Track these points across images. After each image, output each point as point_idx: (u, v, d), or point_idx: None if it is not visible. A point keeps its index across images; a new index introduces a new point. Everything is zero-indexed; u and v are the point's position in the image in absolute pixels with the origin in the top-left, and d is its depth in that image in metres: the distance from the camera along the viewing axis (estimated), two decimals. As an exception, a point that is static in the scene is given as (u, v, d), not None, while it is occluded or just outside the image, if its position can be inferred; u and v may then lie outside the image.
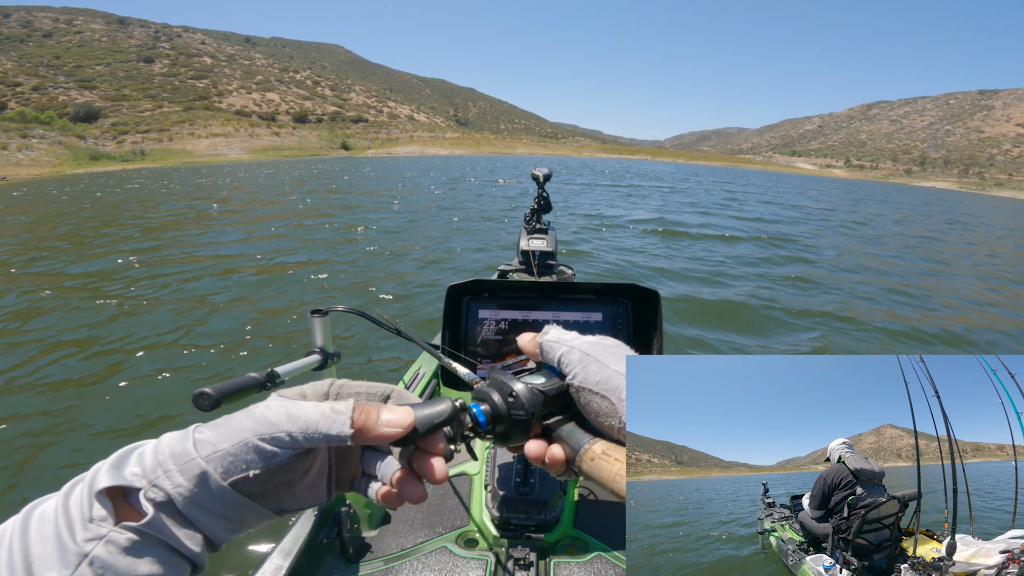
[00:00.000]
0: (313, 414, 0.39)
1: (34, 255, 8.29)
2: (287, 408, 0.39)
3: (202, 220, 12.31)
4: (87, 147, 65.29)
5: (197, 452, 0.37)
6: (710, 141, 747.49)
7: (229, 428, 0.38)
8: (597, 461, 0.41)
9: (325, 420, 0.39)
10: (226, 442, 0.37)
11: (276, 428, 0.38)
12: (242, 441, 0.37)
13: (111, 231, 10.60)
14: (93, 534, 0.33)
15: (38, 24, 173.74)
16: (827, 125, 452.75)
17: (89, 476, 0.36)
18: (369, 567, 1.28)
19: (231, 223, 11.86)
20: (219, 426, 0.38)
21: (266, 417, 0.38)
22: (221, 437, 0.37)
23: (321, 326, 1.19)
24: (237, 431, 0.38)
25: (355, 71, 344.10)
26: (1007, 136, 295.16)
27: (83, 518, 0.34)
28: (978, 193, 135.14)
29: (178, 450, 0.37)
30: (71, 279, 6.79)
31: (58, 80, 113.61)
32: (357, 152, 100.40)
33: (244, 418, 0.39)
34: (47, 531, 0.34)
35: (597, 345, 0.46)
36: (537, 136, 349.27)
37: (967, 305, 7.52)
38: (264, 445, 0.37)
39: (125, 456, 0.37)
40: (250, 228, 11.08)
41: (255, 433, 0.38)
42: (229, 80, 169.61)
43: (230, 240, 9.64)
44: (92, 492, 0.34)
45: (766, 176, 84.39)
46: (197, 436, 0.38)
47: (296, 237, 10.02)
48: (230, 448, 0.37)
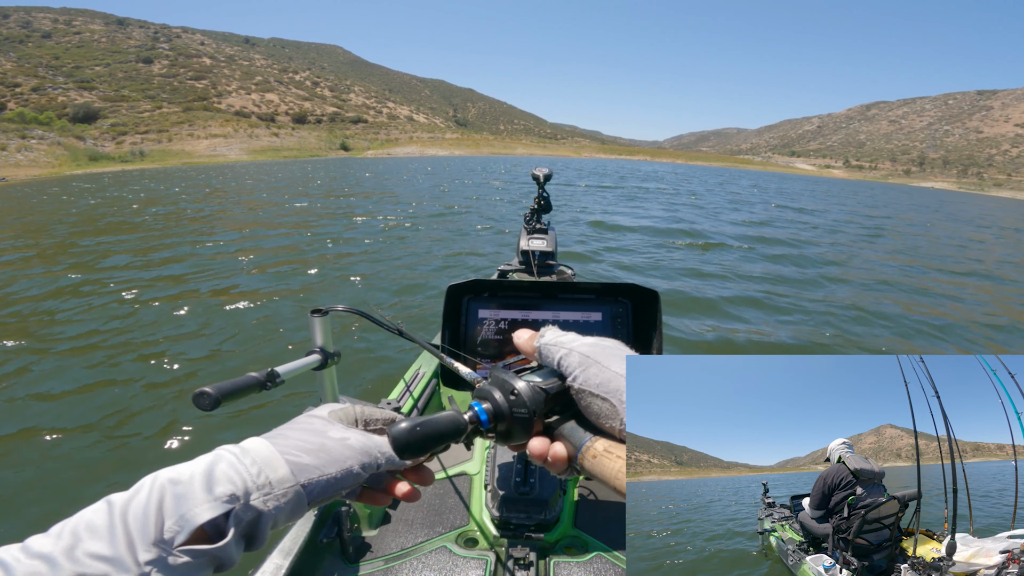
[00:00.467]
0: (388, 448, 0.46)
1: (32, 255, 8.29)
2: (376, 442, 0.46)
3: (206, 221, 12.30)
4: (86, 148, 65.20)
5: (297, 478, 0.39)
6: (709, 142, 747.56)
7: (332, 456, 0.42)
8: (599, 459, 0.41)
9: (394, 454, 0.44)
10: (332, 468, 0.41)
11: (373, 458, 0.44)
12: (347, 469, 0.42)
13: (110, 232, 10.59)
14: (156, 555, 0.34)
15: (37, 25, 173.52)
16: (826, 126, 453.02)
17: (159, 493, 0.36)
18: (369, 567, 1.28)
19: (233, 223, 11.85)
20: (316, 452, 0.42)
21: (365, 449, 0.45)
22: (324, 463, 0.41)
23: (321, 326, 1.18)
24: (342, 460, 0.42)
25: (354, 72, 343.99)
26: (1006, 136, 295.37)
27: (146, 538, 0.34)
28: (977, 193, 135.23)
29: (277, 476, 0.38)
30: (67, 280, 6.79)
31: (57, 81, 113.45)
32: (356, 153, 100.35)
33: (345, 449, 0.43)
34: (99, 546, 0.33)
35: (596, 347, 0.46)
36: (536, 137, 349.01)
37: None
38: (362, 472, 0.43)
39: (210, 475, 0.38)
40: (254, 227, 11.07)
41: (359, 462, 0.43)
42: (228, 81, 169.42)
43: (231, 240, 9.65)
44: (177, 516, 0.35)
45: (769, 177, 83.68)
46: (293, 459, 0.40)
47: (301, 237, 10.02)
48: (336, 474, 0.41)
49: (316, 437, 0.43)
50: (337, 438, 0.44)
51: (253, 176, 30.21)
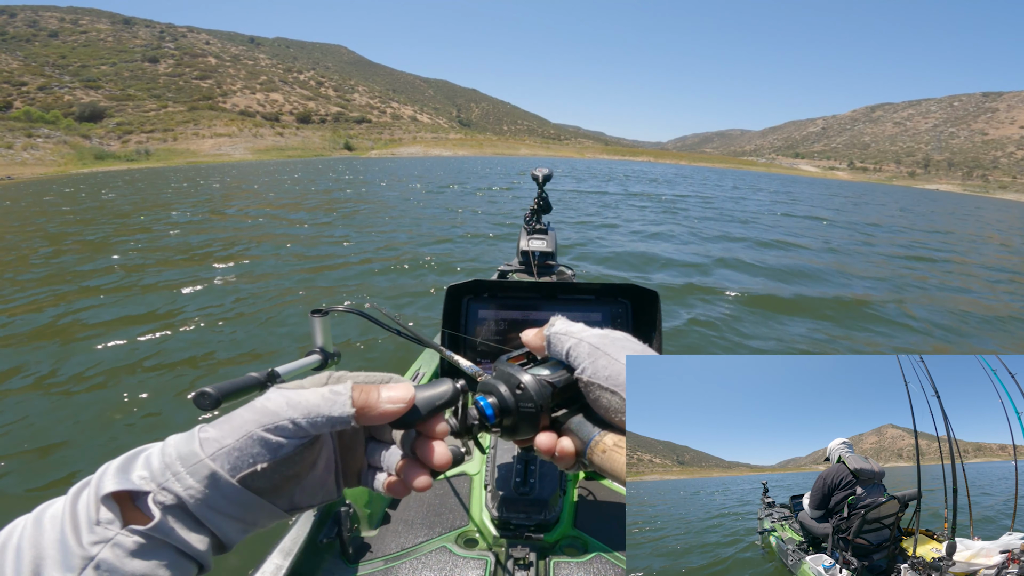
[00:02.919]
0: (313, 399, 0.39)
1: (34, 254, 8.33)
2: (287, 396, 0.39)
3: (215, 220, 12.34)
4: (92, 147, 65.54)
5: (204, 452, 0.36)
6: (713, 143, 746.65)
7: (232, 424, 0.38)
8: (609, 453, 0.40)
9: (326, 403, 0.39)
10: (230, 437, 0.37)
11: (278, 417, 0.38)
12: (246, 434, 0.37)
13: (115, 230, 10.64)
14: (99, 537, 0.33)
15: (44, 24, 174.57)
16: (831, 127, 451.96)
17: (95, 479, 0.36)
18: (369, 567, 1.28)
19: (247, 223, 11.89)
20: (222, 423, 0.38)
21: (267, 407, 0.38)
22: (225, 433, 0.37)
23: (321, 326, 1.18)
24: (240, 425, 0.37)
25: (358, 72, 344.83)
26: (1011, 139, 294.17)
27: (90, 521, 0.34)
28: (982, 196, 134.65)
29: (185, 451, 0.36)
30: (66, 280, 6.81)
31: (63, 80, 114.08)
32: (360, 153, 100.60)
33: (246, 412, 0.38)
34: (55, 533, 0.34)
35: (606, 338, 0.44)
36: (540, 137, 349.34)
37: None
38: (269, 436, 0.37)
39: (132, 459, 0.37)
40: (258, 226, 11.10)
41: (258, 424, 0.37)
42: (233, 80, 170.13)
43: (232, 237, 9.68)
44: (98, 496, 0.34)
45: (782, 180, 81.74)
46: (202, 435, 0.37)
47: (307, 237, 10.04)
48: (235, 443, 0.36)
49: (239, 409, 0.39)
50: (249, 404, 0.39)
51: (259, 180, 30.11)
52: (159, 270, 7.20)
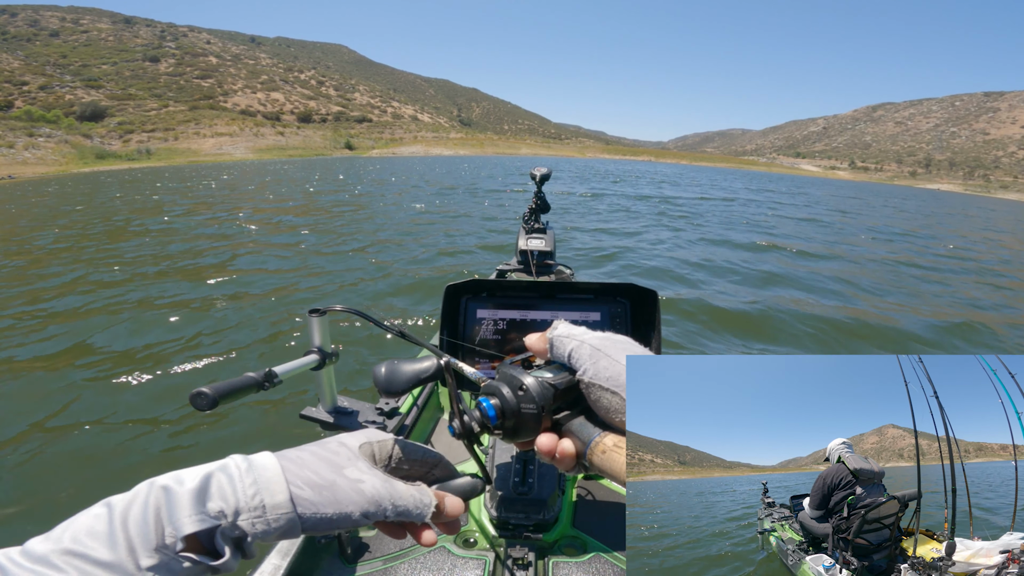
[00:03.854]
0: (409, 501, 0.43)
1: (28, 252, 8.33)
2: (391, 493, 0.43)
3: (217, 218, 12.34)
4: (93, 146, 65.53)
5: (295, 508, 0.37)
6: (714, 143, 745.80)
7: (335, 496, 0.40)
8: (609, 454, 0.41)
9: (416, 508, 0.44)
10: (330, 509, 0.39)
11: (380, 510, 0.41)
12: (346, 514, 0.40)
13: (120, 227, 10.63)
14: (158, 561, 0.33)
15: (45, 23, 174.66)
16: (832, 127, 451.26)
17: (156, 500, 0.36)
18: (367, 567, 1.27)
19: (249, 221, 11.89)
20: (323, 488, 0.40)
21: (375, 499, 0.42)
22: (325, 502, 0.39)
23: (319, 325, 1.17)
24: (344, 503, 0.40)
25: (359, 71, 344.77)
26: (1012, 138, 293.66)
27: (147, 544, 0.34)
28: (983, 195, 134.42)
29: (274, 502, 0.37)
30: (65, 279, 6.82)
31: (64, 79, 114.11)
32: (361, 152, 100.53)
33: (353, 492, 0.41)
34: (101, 552, 0.33)
35: (607, 340, 0.46)
36: (541, 137, 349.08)
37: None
38: (363, 519, 0.41)
39: (204, 489, 0.37)
40: (259, 225, 11.10)
41: (361, 510, 0.40)
42: (234, 80, 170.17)
43: (233, 233, 9.68)
44: (170, 524, 0.34)
45: (794, 180, 79.77)
46: (295, 491, 0.38)
47: (310, 236, 10.04)
48: (332, 515, 0.39)
49: (330, 472, 0.42)
50: (351, 479, 0.42)
51: (263, 179, 30.01)
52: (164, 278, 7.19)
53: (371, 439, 0.48)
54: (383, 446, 0.47)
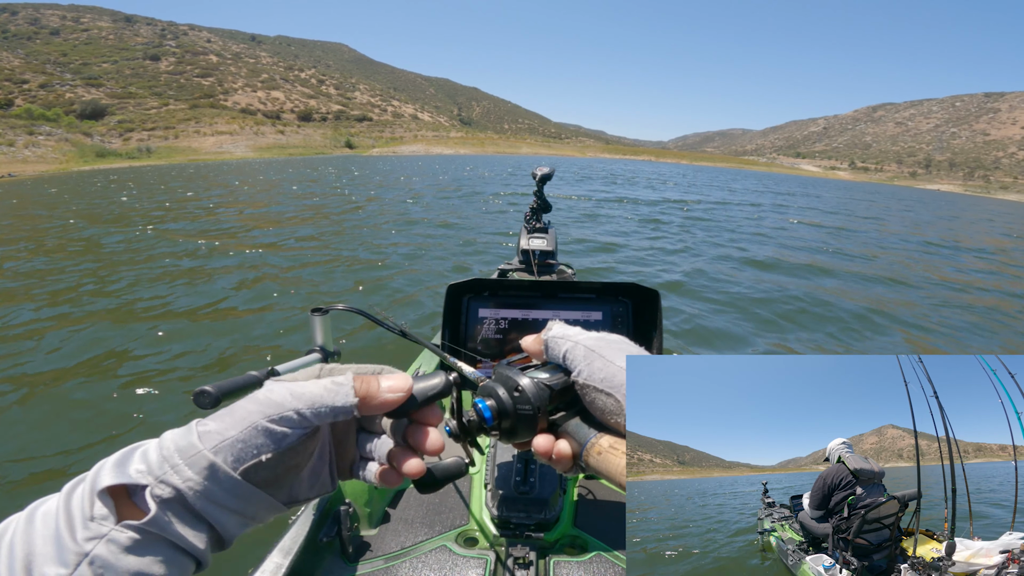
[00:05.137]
0: (316, 390, 0.39)
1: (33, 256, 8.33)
2: (290, 388, 0.39)
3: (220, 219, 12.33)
4: (93, 144, 65.48)
5: (203, 444, 0.36)
6: (714, 142, 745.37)
7: (234, 416, 0.38)
8: (604, 455, 0.41)
9: (329, 393, 0.39)
10: (234, 429, 0.37)
11: (283, 408, 0.38)
12: (251, 425, 0.37)
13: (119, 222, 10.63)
14: (94, 533, 0.33)
15: (45, 21, 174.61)
16: (832, 127, 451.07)
17: (91, 474, 0.36)
18: (369, 565, 1.28)
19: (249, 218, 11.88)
20: (223, 416, 0.38)
21: (271, 399, 0.38)
22: (227, 425, 0.37)
23: (321, 324, 1.18)
24: (244, 417, 0.37)
25: (359, 70, 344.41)
26: (1013, 139, 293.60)
27: (84, 517, 0.33)
28: (983, 196, 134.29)
29: (183, 444, 0.36)
30: (66, 279, 6.82)
31: (65, 77, 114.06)
32: (362, 151, 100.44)
33: (249, 403, 0.38)
34: (48, 530, 0.33)
35: (602, 341, 0.45)
36: (541, 136, 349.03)
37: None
38: (274, 426, 0.37)
39: (128, 454, 0.37)
40: (260, 224, 11.09)
41: (263, 415, 0.37)
42: (235, 78, 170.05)
43: (231, 230, 9.67)
44: (94, 490, 0.34)
45: (803, 182, 77.39)
46: (200, 429, 0.37)
47: (310, 236, 10.04)
48: (239, 434, 0.36)
49: (239, 401, 0.39)
50: (251, 396, 0.39)
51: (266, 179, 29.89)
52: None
53: (301, 370, 0.44)
54: (308, 372, 0.43)
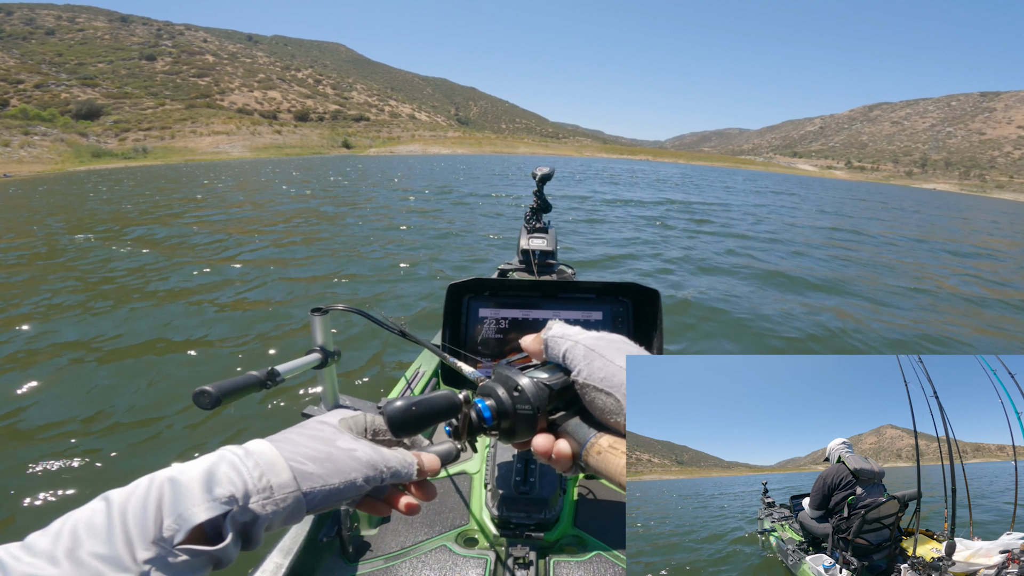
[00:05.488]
0: (395, 461, 0.47)
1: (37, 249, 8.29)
2: (383, 456, 0.46)
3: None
4: (89, 144, 65.23)
5: (300, 485, 0.39)
6: (711, 142, 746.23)
7: (336, 467, 0.42)
8: (604, 455, 0.41)
9: (403, 467, 0.47)
10: (336, 479, 0.41)
11: (378, 472, 0.44)
12: (350, 481, 0.42)
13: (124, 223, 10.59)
14: (155, 554, 0.33)
15: (41, 21, 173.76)
16: (828, 126, 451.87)
17: (158, 491, 0.36)
18: (369, 565, 1.27)
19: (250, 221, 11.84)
20: (323, 461, 0.42)
21: (371, 463, 0.44)
22: (328, 473, 0.41)
23: (321, 324, 1.17)
24: (346, 471, 0.42)
25: (356, 70, 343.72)
26: (1008, 138, 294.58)
27: (145, 537, 0.33)
28: (979, 195, 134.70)
29: (280, 481, 0.38)
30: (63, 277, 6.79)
31: (60, 78, 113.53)
32: (359, 151, 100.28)
33: (351, 460, 0.43)
34: (98, 546, 0.33)
35: (601, 340, 0.45)
36: (538, 136, 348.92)
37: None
38: (365, 485, 0.43)
39: (211, 476, 0.37)
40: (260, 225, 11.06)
41: (363, 476, 0.43)
42: (231, 78, 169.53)
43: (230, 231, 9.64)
44: (174, 515, 0.34)
45: (806, 182, 76.78)
46: (296, 466, 0.40)
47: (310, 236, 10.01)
48: (340, 485, 0.41)
49: (324, 446, 0.44)
50: (345, 448, 0.44)
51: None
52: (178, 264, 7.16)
53: (345, 415, 0.50)
54: (357, 419, 0.50)
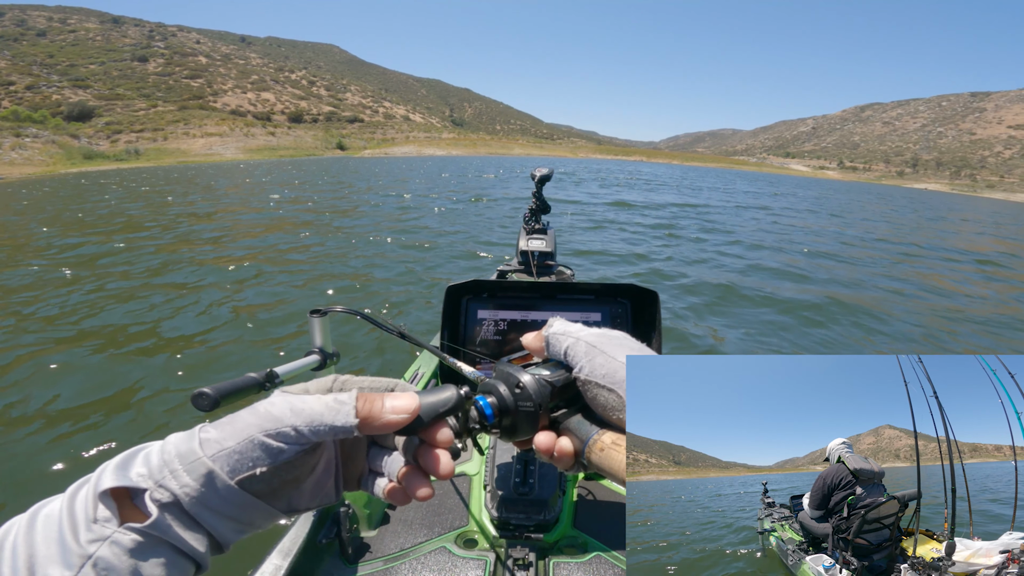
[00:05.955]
0: (317, 407, 0.39)
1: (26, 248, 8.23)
2: (291, 403, 0.39)
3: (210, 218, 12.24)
4: (81, 146, 64.66)
5: (203, 451, 0.36)
6: (705, 142, 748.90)
7: (234, 426, 0.38)
8: (607, 452, 0.40)
9: (329, 412, 0.39)
10: (231, 440, 0.37)
11: (281, 423, 0.38)
12: (247, 438, 0.37)
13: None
14: (97, 535, 0.33)
15: (32, 23, 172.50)
16: (821, 127, 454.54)
17: (94, 477, 0.36)
18: (368, 567, 1.27)
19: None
20: (224, 424, 0.38)
21: (270, 413, 0.38)
22: (226, 435, 0.37)
23: (320, 326, 1.18)
24: (242, 428, 0.37)
25: (350, 71, 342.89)
26: (998, 138, 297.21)
27: (87, 519, 0.34)
28: (969, 195, 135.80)
29: (184, 450, 0.36)
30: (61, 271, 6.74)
31: (51, 79, 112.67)
32: (353, 152, 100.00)
33: (248, 415, 0.38)
34: (51, 532, 0.33)
35: (603, 337, 0.45)
36: (533, 137, 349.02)
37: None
38: (270, 441, 0.37)
39: (131, 457, 0.37)
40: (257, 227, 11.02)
41: (260, 429, 0.37)
42: (224, 79, 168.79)
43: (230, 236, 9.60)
44: (96, 493, 0.34)
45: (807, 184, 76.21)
46: (202, 435, 0.37)
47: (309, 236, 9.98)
48: (236, 446, 0.37)
49: (241, 411, 0.39)
50: (253, 407, 0.39)
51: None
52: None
53: (311, 383, 0.44)
54: (320, 383, 0.43)
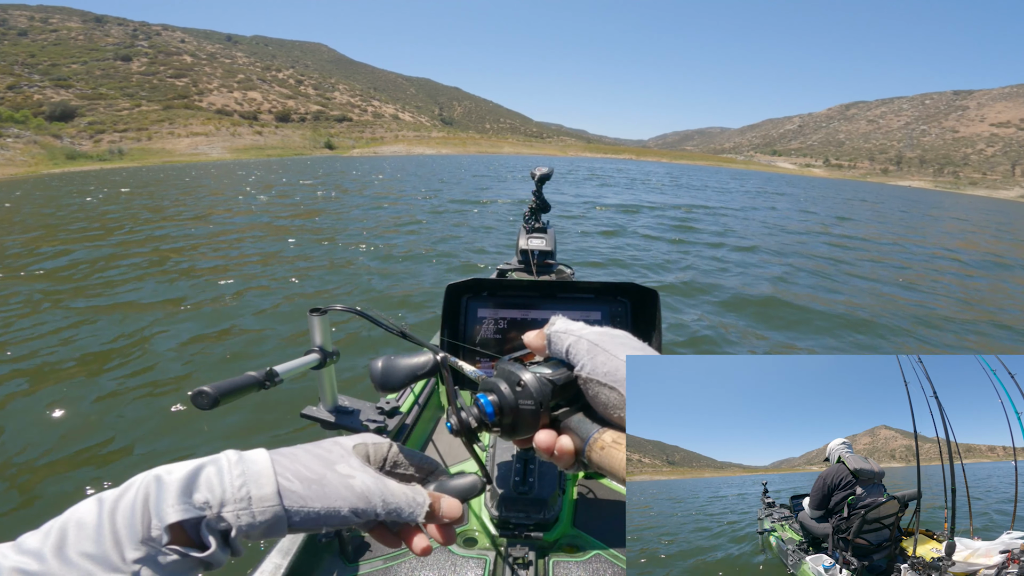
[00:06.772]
0: (401, 500, 0.42)
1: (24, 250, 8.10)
2: (383, 490, 0.42)
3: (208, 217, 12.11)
4: (63, 146, 63.62)
5: (283, 501, 0.37)
6: (693, 141, 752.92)
7: (324, 490, 0.39)
8: (607, 450, 0.40)
9: (408, 506, 0.43)
10: (318, 503, 0.38)
11: (371, 506, 0.40)
12: (334, 509, 0.39)
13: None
14: (144, 554, 0.33)
15: (13, 22, 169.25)
16: (807, 125, 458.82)
17: (144, 490, 0.36)
18: (368, 566, 1.27)
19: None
20: (312, 482, 0.39)
21: (365, 495, 0.41)
22: (313, 496, 0.38)
23: (320, 325, 1.17)
24: (332, 497, 0.39)
25: (339, 70, 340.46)
26: (981, 136, 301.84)
27: (134, 536, 0.33)
28: (952, 192, 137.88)
29: (261, 494, 0.37)
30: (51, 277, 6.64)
31: (33, 79, 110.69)
32: (342, 151, 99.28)
33: (342, 487, 0.40)
34: (86, 545, 0.33)
35: (605, 335, 0.45)
36: (523, 135, 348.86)
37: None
38: (352, 516, 0.40)
39: (192, 479, 0.37)
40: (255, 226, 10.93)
41: (350, 506, 0.39)
42: (210, 79, 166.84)
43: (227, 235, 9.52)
44: (156, 515, 0.34)
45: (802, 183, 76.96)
46: (284, 483, 0.38)
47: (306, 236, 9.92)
48: (320, 509, 0.38)
49: (321, 466, 0.41)
50: (342, 474, 0.42)
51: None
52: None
53: (366, 441, 0.48)
54: (378, 448, 0.47)
